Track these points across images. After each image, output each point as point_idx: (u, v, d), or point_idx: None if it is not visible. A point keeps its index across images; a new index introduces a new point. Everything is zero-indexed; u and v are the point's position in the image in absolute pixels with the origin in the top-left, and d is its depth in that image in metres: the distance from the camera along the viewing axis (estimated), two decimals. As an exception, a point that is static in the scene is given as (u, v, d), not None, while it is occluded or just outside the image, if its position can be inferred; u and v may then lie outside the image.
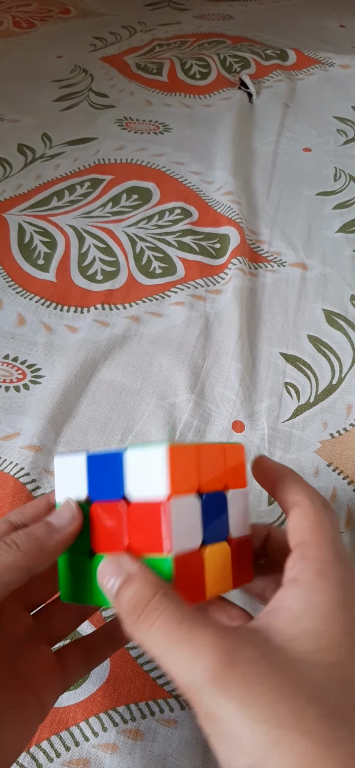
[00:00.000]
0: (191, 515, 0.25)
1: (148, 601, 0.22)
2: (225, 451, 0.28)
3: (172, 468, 0.24)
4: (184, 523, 0.24)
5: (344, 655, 0.21)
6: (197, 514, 0.25)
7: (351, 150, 0.80)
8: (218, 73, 0.94)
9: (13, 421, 0.47)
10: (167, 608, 0.22)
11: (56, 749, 0.32)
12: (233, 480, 0.28)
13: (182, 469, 0.25)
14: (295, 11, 1.20)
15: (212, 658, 0.20)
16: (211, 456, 0.27)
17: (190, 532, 0.25)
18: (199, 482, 0.26)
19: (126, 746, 0.32)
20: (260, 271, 0.61)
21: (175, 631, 0.21)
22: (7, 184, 0.72)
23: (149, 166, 0.75)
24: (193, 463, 0.25)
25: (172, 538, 0.24)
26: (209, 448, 0.27)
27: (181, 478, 0.25)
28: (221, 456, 0.27)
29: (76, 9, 1.21)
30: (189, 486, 0.25)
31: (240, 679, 0.19)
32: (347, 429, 0.47)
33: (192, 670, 0.20)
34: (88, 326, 0.54)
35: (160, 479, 0.24)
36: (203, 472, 0.26)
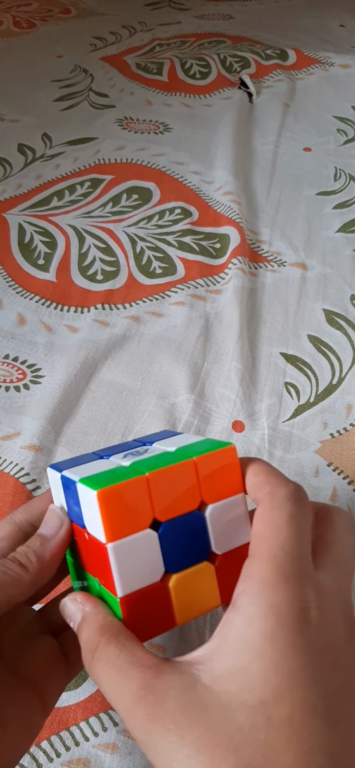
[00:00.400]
0: (144, 551, 0.24)
1: (94, 649, 0.23)
2: (200, 462, 0.25)
3: (106, 514, 0.23)
4: (133, 562, 0.23)
5: (269, 694, 0.19)
6: (152, 547, 0.24)
7: (351, 150, 0.80)
8: (218, 73, 0.94)
9: (13, 421, 0.47)
10: (108, 657, 0.22)
11: (56, 749, 0.32)
12: (218, 490, 0.25)
13: (124, 509, 0.23)
14: (295, 11, 1.20)
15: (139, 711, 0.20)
16: (172, 479, 0.24)
17: (143, 568, 0.24)
18: (153, 513, 0.24)
19: (126, 746, 0.32)
20: (260, 270, 0.61)
21: (112, 681, 0.22)
22: (8, 184, 0.72)
23: (149, 166, 0.75)
24: (141, 495, 0.24)
25: (118, 583, 0.23)
26: (170, 471, 0.24)
27: (123, 519, 0.23)
28: (191, 473, 0.25)
29: (76, 9, 1.21)
30: (137, 522, 0.24)
31: (160, 734, 0.19)
32: (348, 429, 0.47)
33: (127, 721, 0.21)
34: (89, 326, 0.54)
35: (99, 524, 0.23)
36: (160, 499, 0.24)
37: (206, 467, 0.25)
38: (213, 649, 0.21)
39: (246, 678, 0.20)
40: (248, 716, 0.19)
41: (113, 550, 0.23)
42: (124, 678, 0.21)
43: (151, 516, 0.24)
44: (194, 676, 0.21)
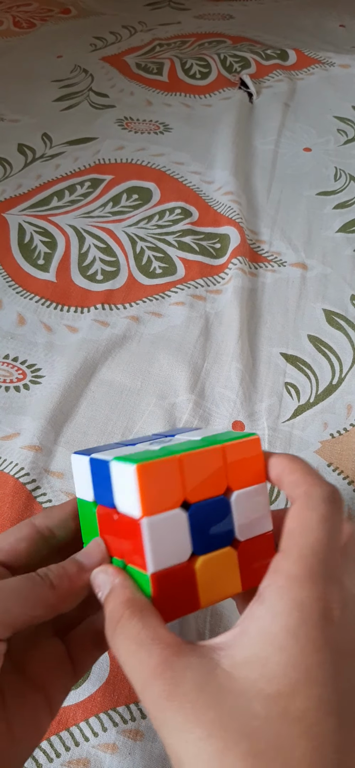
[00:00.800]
0: (174, 530, 0.24)
1: (118, 621, 0.23)
2: (227, 450, 0.26)
3: (143, 488, 0.24)
4: (164, 540, 0.24)
5: (287, 687, 0.20)
6: (182, 527, 0.24)
7: (351, 150, 0.80)
8: (218, 73, 0.94)
9: (13, 421, 0.47)
10: (130, 631, 0.22)
11: (56, 749, 0.32)
12: (243, 477, 0.26)
13: (159, 486, 0.24)
14: (295, 11, 1.20)
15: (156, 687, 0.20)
16: (203, 462, 0.25)
17: (173, 547, 0.24)
18: (184, 494, 0.25)
19: (126, 746, 0.32)
20: (261, 270, 0.61)
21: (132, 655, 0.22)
22: (8, 184, 0.72)
23: (149, 166, 0.75)
24: (174, 476, 0.25)
25: (150, 558, 0.23)
26: (201, 454, 0.25)
27: (157, 495, 0.24)
28: (219, 458, 0.26)
29: (77, 9, 1.21)
30: (169, 501, 0.24)
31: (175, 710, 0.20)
32: (348, 429, 0.47)
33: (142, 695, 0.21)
34: (88, 326, 0.54)
35: (134, 499, 0.24)
36: (191, 481, 0.25)
37: (233, 454, 0.26)
38: (235, 637, 0.22)
39: (265, 668, 0.20)
40: (264, 705, 0.19)
41: (147, 525, 0.24)
42: (144, 652, 0.21)
43: (182, 496, 0.25)
44: (213, 660, 0.21)
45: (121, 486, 0.25)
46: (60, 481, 0.43)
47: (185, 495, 0.25)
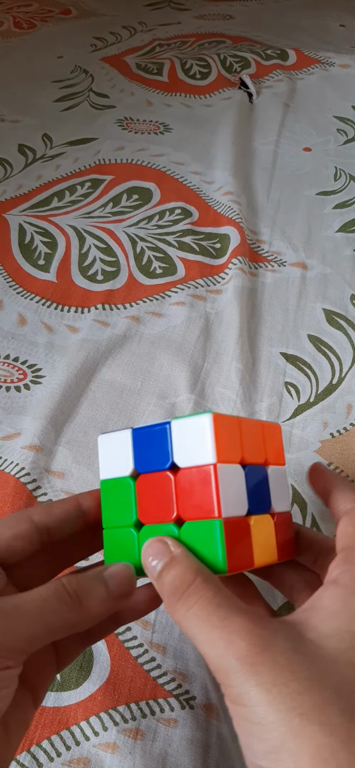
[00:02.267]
0: (237, 483, 0.26)
1: (189, 585, 0.23)
2: (263, 427, 0.29)
3: (218, 435, 0.25)
4: (230, 490, 0.25)
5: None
6: (241, 483, 0.26)
7: (351, 150, 0.80)
8: (218, 73, 0.94)
9: (13, 421, 0.47)
10: (206, 593, 0.22)
11: (57, 749, 0.32)
12: (273, 457, 0.29)
13: (227, 438, 0.26)
14: (295, 11, 1.20)
15: (244, 643, 0.21)
16: (251, 430, 0.28)
17: (236, 499, 0.26)
18: (242, 453, 0.27)
19: (126, 746, 0.32)
20: (261, 270, 0.61)
21: (211, 615, 0.22)
22: (8, 185, 0.72)
23: (149, 166, 0.75)
24: (236, 433, 0.26)
25: (223, 502, 0.25)
26: (250, 422, 0.28)
27: (226, 446, 0.26)
28: (260, 431, 0.28)
29: (77, 9, 1.21)
30: (234, 455, 0.26)
31: (270, 666, 0.20)
32: (348, 428, 0.47)
33: (225, 654, 0.21)
34: (89, 326, 0.54)
35: (208, 446, 0.25)
36: (246, 443, 0.27)
37: (267, 433, 0.29)
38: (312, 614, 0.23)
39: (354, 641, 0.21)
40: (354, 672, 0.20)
41: (221, 470, 0.25)
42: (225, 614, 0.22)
43: (241, 454, 0.27)
44: (298, 630, 0.22)
45: (189, 440, 0.26)
46: (61, 481, 0.43)
47: (242, 454, 0.27)
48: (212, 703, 0.34)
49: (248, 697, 0.20)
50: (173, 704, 0.34)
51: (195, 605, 0.22)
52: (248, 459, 0.27)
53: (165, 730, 0.33)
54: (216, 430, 0.25)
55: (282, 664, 0.20)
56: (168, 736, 0.33)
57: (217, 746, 0.32)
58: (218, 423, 0.25)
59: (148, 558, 0.25)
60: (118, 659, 0.35)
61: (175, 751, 0.32)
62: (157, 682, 0.34)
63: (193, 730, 0.33)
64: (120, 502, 0.28)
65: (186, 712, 0.33)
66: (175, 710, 0.34)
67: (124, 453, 0.28)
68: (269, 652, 0.20)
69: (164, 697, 0.34)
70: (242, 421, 0.27)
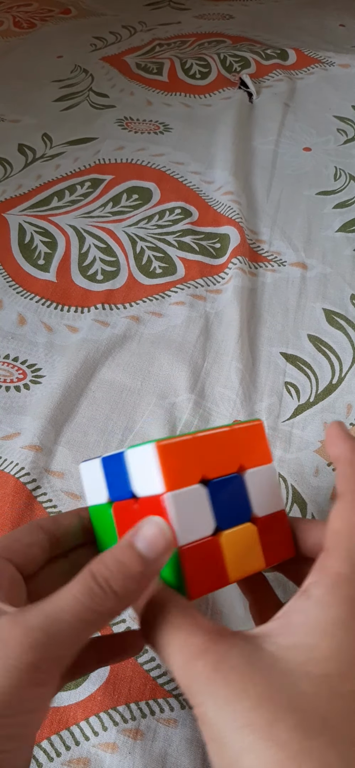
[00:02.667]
0: (197, 505, 0.25)
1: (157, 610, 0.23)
2: (236, 433, 0.28)
3: (163, 464, 0.25)
4: (189, 515, 0.25)
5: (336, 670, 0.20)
6: (204, 502, 0.26)
7: (351, 149, 0.80)
8: (218, 73, 0.94)
9: (13, 420, 0.47)
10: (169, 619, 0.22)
11: (56, 748, 0.32)
12: (253, 458, 0.28)
13: (178, 462, 0.25)
14: (295, 11, 1.20)
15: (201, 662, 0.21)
16: (216, 441, 0.27)
17: (198, 521, 0.25)
18: (202, 471, 0.26)
19: (126, 745, 0.32)
20: (260, 270, 0.61)
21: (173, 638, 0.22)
22: (8, 184, 0.72)
23: (149, 166, 0.75)
24: (191, 453, 0.26)
25: (177, 532, 0.24)
26: (214, 434, 0.27)
27: (178, 471, 0.25)
28: (231, 439, 0.28)
29: (77, 9, 1.21)
30: (190, 476, 0.25)
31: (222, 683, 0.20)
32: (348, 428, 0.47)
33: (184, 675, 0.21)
34: (89, 326, 0.54)
35: (155, 476, 0.25)
36: (207, 459, 0.26)
37: (241, 436, 0.28)
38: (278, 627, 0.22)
39: (313, 653, 0.21)
40: (311, 685, 0.20)
41: (171, 499, 0.24)
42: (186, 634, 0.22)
43: (200, 473, 0.26)
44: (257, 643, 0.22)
45: (140, 470, 0.26)
46: (60, 481, 0.43)
47: (203, 472, 0.26)
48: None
49: (208, 716, 0.20)
50: (173, 704, 0.34)
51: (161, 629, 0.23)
52: (212, 474, 0.26)
53: (165, 730, 0.33)
54: (162, 459, 0.25)
55: (234, 681, 0.20)
56: (168, 736, 0.33)
57: (217, 746, 0.32)
58: (163, 452, 0.25)
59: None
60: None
61: (175, 751, 0.32)
62: (156, 682, 0.34)
63: (193, 730, 0.33)
64: (106, 527, 0.28)
65: (186, 712, 0.33)
66: (175, 710, 0.34)
67: (100, 480, 0.28)
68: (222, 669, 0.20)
69: (164, 697, 0.34)
70: (201, 438, 0.26)
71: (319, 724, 0.19)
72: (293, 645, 0.21)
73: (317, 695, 0.20)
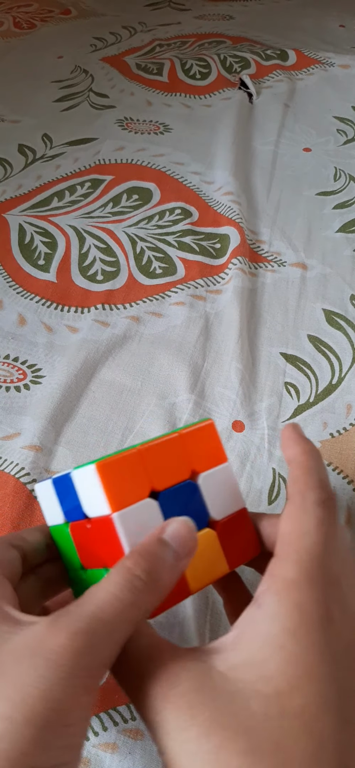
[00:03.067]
0: (148, 520, 0.24)
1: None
2: (185, 438, 0.27)
3: (107, 485, 0.24)
4: (140, 531, 0.24)
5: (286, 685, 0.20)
6: (155, 516, 0.25)
7: (351, 150, 0.80)
8: (218, 73, 0.94)
9: (13, 421, 0.47)
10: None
11: (57, 748, 0.32)
12: (206, 461, 0.27)
13: (123, 480, 0.25)
14: (295, 11, 1.20)
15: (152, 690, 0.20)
16: (163, 451, 0.26)
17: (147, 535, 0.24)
18: (151, 483, 0.25)
19: (126, 746, 0.32)
20: (260, 271, 0.61)
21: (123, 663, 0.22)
22: (8, 185, 0.72)
23: (149, 167, 0.75)
24: (137, 468, 0.25)
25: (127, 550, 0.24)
26: (160, 444, 0.26)
27: (123, 490, 0.24)
28: (179, 445, 0.27)
29: (77, 9, 1.21)
30: (137, 493, 0.25)
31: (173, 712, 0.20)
32: (347, 429, 0.47)
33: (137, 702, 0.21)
34: (89, 326, 0.55)
35: (100, 497, 0.24)
36: (155, 470, 0.26)
37: (191, 440, 0.27)
38: (231, 641, 0.21)
39: (263, 669, 0.20)
40: (261, 704, 0.19)
41: (119, 519, 0.24)
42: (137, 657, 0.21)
43: (148, 486, 0.25)
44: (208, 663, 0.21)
45: (87, 492, 0.25)
46: (60, 481, 0.43)
47: (152, 485, 0.25)
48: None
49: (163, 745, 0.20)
50: (173, 704, 0.34)
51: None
52: (162, 485, 0.26)
53: (165, 730, 0.33)
54: (104, 479, 0.24)
55: (183, 708, 0.20)
56: (168, 736, 0.33)
57: (216, 746, 0.32)
58: (105, 471, 0.24)
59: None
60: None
61: (175, 751, 0.32)
62: (156, 682, 0.34)
63: (192, 730, 0.33)
64: (67, 546, 0.28)
65: (186, 712, 0.33)
66: (175, 710, 0.34)
67: (54, 501, 0.28)
68: (170, 697, 0.20)
69: (164, 697, 0.34)
70: (146, 449, 0.26)
71: (270, 747, 0.19)
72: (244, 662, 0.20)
73: (268, 715, 0.19)
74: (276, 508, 0.42)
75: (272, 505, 0.42)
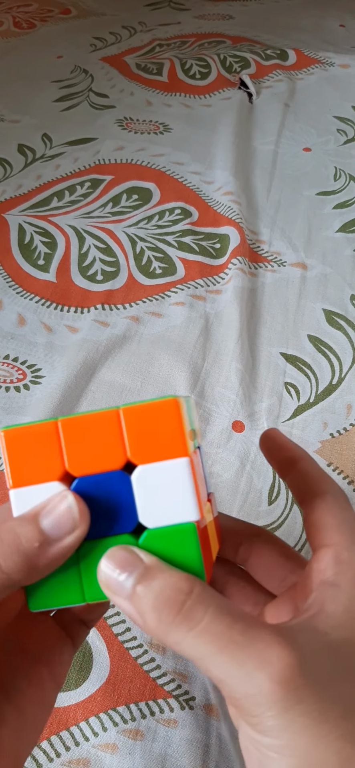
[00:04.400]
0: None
1: (187, 594, 0.18)
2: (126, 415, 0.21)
3: (11, 456, 0.21)
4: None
5: None
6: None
7: (351, 150, 0.80)
8: (218, 73, 0.94)
9: (13, 421, 0.47)
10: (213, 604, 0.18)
11: (56, 749, 0.32)
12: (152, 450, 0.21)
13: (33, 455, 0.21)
14: (295, 11, 1.20)
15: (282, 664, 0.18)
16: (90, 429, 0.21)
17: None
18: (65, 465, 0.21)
19: (126, 746, 0.32)
20: (260, 271, 0.61)
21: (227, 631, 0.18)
22: (8, 185, 0.72)
23: (149, 166, 0.75)
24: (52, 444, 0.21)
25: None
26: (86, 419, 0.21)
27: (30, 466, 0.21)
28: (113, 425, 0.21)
29: (77, 9, 1.21)
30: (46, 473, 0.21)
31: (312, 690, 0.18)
32: (347, 429, 0.47)
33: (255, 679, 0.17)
34: (89, 326, 0.54)
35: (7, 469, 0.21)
36: (75, 451, 0.21)
37: (135, 421, 0.21)
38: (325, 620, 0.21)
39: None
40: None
41: (15, 497, 0.21)
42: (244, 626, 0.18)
43: (62, 467, 0.21)
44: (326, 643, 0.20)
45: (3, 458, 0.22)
46: (60, 481, 0.43)
47: (67, 466, 0.21)
48: (212, 703, 0.34)
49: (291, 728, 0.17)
50: (173, 705, 0.34)
51: (204, 620, 0.18)
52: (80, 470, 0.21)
53: (165, 730, 0.33)
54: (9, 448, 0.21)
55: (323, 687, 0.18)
56: (168, 737, 0.33)
57: (217, 746, 0.32)
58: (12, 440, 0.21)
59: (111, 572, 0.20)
60: (117, 660, 0.35)
61: (175, 751, 0.32)
62: (156, 683, 0.34)
63: (192, 731, 0.33)
64: None
65: (186, 712, 0.33)
66: (175, 711, 0.34)
67: None
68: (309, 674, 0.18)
69: (164, 698, 0.34)
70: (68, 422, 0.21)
71: None
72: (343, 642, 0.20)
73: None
74: (276, 508, 0.42)
75: (272, 505, 0.42)
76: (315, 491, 0.25)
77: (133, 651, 0.36)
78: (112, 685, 0.34)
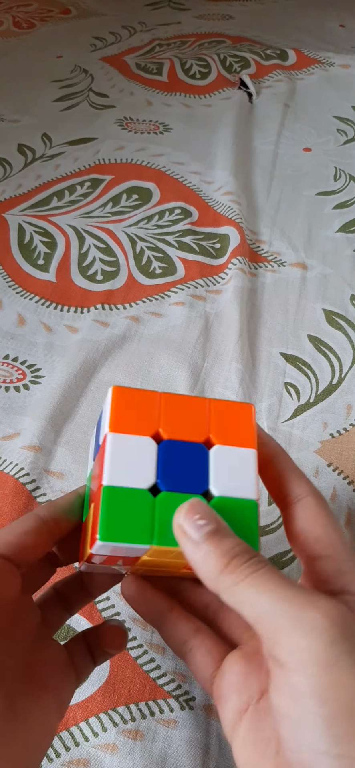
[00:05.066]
0: (140, 456, 0.25)
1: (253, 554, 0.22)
2: (212, 405, 0.27)
3: (115, 407, 0.25)
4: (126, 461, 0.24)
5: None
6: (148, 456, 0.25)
7: (351, 150, 0.80)
8: (218, 73, 0.94)
9: (13, 421, 0.47)
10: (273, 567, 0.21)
11: (56, 749, 0.32)
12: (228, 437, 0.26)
13: (133, 411, 0.25)
14: (295, 11, 1.20)
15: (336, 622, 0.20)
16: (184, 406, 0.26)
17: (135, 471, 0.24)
18: (159, 427, 0.25)
19: (126, 746, 0.32)
20: (260, 271, 0.61)
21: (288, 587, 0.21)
22: (8, 185, 0.72)
23: (149, 166, 0.75)
24: (151, 408, 0.26)
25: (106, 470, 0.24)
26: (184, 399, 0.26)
27: (129, 420, 0.25)
28: (202, 408, 0.26)
29: (77, 9, 1.21)
30: (141, 428, 0.25)
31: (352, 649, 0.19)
32: (347, 429, 0.47)
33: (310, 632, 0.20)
34: (88, 326, 0.54)
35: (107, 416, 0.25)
36: (168, 418, 0.26)
37: (219, 411, 0.27)
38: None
39: None
40: None
41: (111, 439, 0.24)
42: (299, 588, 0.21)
43: (155, 428, 0.25)
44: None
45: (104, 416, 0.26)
46: (60, 482, 0.43)
47: (161, 429, 0.25)
48: (212, 703, 0.34)
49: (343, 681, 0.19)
50: (173, 705, 0.34)
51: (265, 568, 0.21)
52: (169, 434, 0.25)
53: (165, 730, 0.33)
54: (114, 400, 0.25)
55: None
56: (168, 737, 0.33)
57: (216, 747, 0.32)
58: (119, 394, 0.25)
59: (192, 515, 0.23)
60: (117, 660, 0.35)
61: (175, 751, 0.32)
62: (156, 683, 0.34)
63: (192, 731, 0.33)
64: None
65: (186, 712, 0.33)
66: (175, 711, 0.33)
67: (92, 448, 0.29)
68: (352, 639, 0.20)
69: (164, 698, 0.34)
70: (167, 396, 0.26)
71: None
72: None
73: None
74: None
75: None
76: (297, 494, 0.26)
77: (133, 651, 0.35)
78: (112, 686, 0.34)
